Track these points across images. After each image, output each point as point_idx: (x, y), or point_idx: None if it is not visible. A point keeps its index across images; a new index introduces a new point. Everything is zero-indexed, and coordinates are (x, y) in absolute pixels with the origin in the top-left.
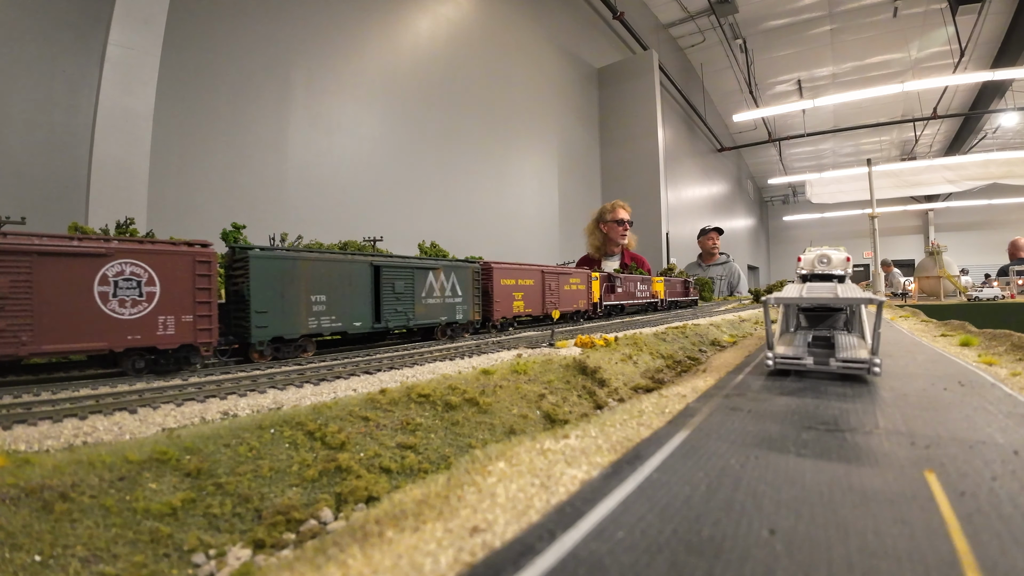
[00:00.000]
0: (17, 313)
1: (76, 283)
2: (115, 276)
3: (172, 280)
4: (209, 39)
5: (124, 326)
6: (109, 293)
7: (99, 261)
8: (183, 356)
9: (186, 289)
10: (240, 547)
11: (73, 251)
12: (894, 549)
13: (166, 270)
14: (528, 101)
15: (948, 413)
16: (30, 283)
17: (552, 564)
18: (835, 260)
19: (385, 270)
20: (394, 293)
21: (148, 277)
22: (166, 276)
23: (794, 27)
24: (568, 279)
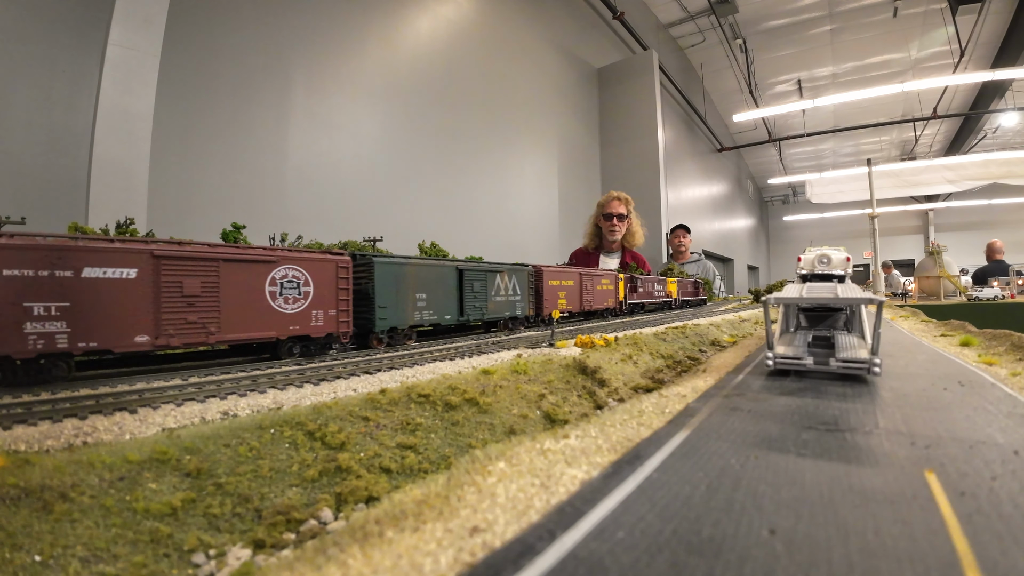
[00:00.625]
0: (207, 308)
1: (252, 284)
2: (281, 279)
3: (322, 281)
4: (209, 39)
5: (287, 319)
6: (276, 292)
7: (269, 266)
8: (327, 343)
9: (331, 289)
10: (240, 547)
11: (250, 258)
12: (894, 549)
13: (317, 273)
14: (528, 101)
15: (948, 413)
16: (217, 284)
17: (552, 564)
18: (835, 260)
19: (467, 273)
20: (473, 292)
21: (305, 279)
22: (317, 278)
23: (794, 27)
24: (600, 280)
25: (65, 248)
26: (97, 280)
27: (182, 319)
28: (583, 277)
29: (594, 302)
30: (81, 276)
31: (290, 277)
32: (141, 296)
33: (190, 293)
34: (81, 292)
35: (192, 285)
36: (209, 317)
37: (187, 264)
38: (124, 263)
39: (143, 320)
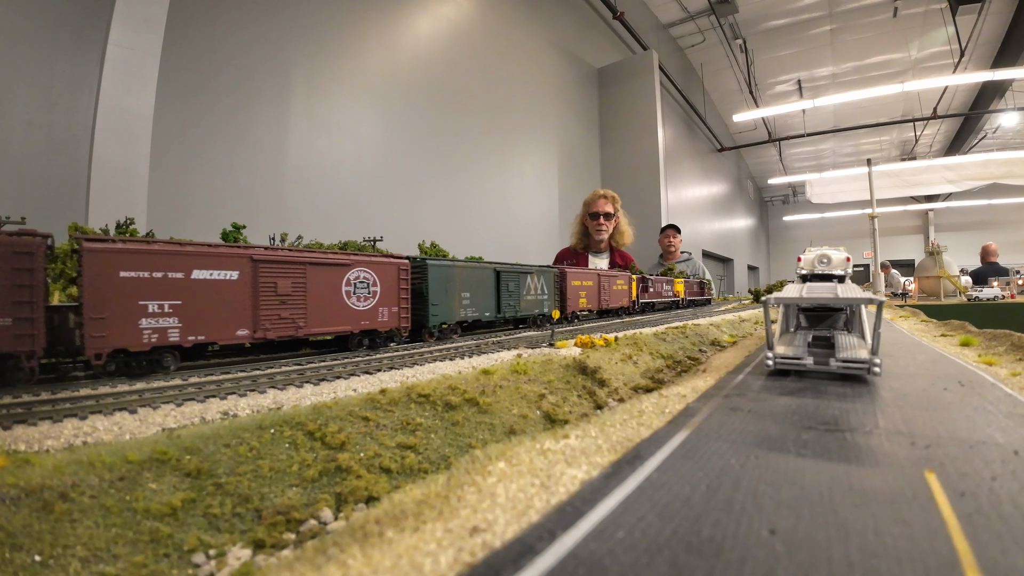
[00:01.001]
0: (296, 306)
1: (332, 284)
2: (354, 279)
3: (386, 282)
4: (209, 39)
5: (359, 315)
6: (351, 291)
7: (345, 269)
8: (389, 337)
9: (394, 289)
10: (240, 547)
11: (331, 262)
12: (894, 549)
13: (383, 275)
14: (528, 101)
15: (948, 413)
16: (304, 285)
17: (552, 564)
18: (835, 260)
19: (503, 274)
20: (508, 291)
21: (373, 280)
22: (383, 279)
23: (794, 27)
24: (616, 280)
25: (177, 252)
26: (205, 281)
27: (276, 315)
28: (601, 278)
29: (611, 301)
30: (191, 277)
31: (362, 278)
32: (242, 295)
33: (283, 292)
34: (191, 291)
35: (284, 285)
36: (298, 313)
37: (280, 267)
38: (228, 266)
39: (244, 316)
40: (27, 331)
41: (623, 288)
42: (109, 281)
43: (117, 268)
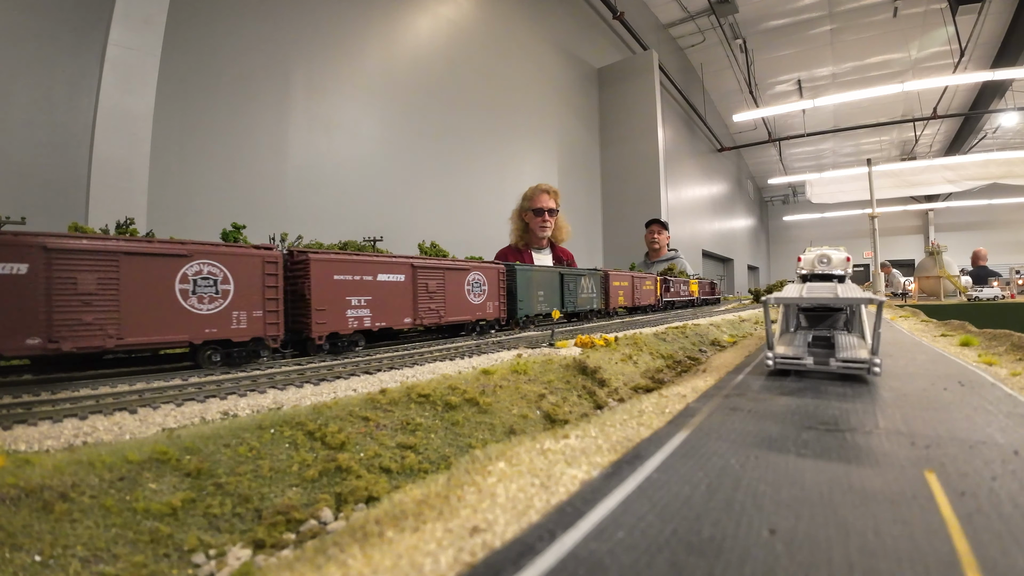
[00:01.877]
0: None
1: (458, 284)
2: (473, 280)
3: (492, 283)
4: (209, 39)
5: (476, 308)
6: (471, 289)
7: (466, 272)
8: (492, 325)
9: (496, 288)
10: (240, 547)
11: (458, 267)
12: (894, 549)
13: (490, 277)
14: (528, 101)
15: (948, 413)
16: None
17: (552, 564)
18: (835, 260)
19: (565, 276)
20: (568, 290)
21: (483, 281)
22: (490, 281)
23: (794, 27)
24: (645, 281)
25: (369, 261)
26: (385, 282)
27: (427, 307)
28: (634, 279)
29: (641, 299)
30: (377, 279)
31: (477, 280)
32: (407, 292)
33: (431, 290)
34: (377, 290)
35: (432, 285)
36: (440, 306)
37: (429, 271)
38: (399, 271)
39: (407, 308)
40: (274, 320)
41: (650, 288)
42: (328, 283)
43: (332, 273)
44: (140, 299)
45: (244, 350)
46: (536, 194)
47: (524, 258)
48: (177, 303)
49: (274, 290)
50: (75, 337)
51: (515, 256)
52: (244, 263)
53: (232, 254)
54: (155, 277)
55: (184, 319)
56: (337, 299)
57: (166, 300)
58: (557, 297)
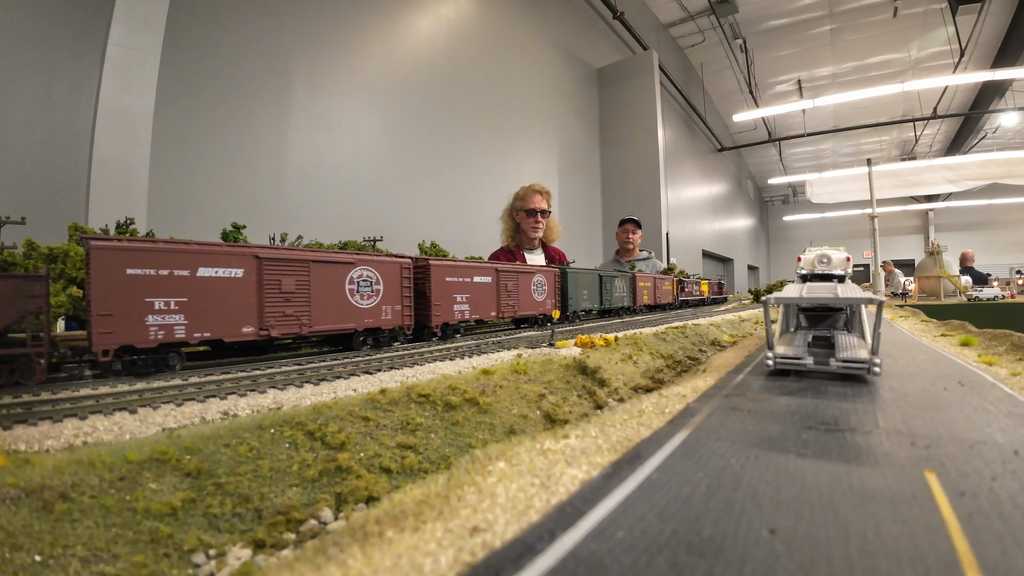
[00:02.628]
0: (516, 297)
1: (528, 285)
2: (536, 282)
3: (550, 283)
4: (209, 39)
5: (540, 304)
6: (536, 289)
7: (532, 275)
8: (548, 319)
9: (553, 287)
10: (240, 547)
11: (527, 271)
12: (894, 549)
13: (548, 278)
14: (528, 101)
15: (948, 413)
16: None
17: (552, 564)
18: (835, 260)
19: (604, 278)
20: (606, 289)
21: (544, 281)
22: (548, 281)
23: (794, 27)
24: (664, 282)
25: (469, 266)
26: (479, 283)
27: (507, 303)
28: (656, 280)
29: (661, 298)
30: (473, 280)
31: (540, 280)
32: (492, 292)
33: (509, 290)
34: (473, 289)
35: (511, 285)
36: (516, 302)
37: (511, 275)
38: (487, 274)
39: (493, 303)
40: (408, 312)
41: (668, 288)
42: (442, 283)
43: (445, 276)
44: (323, 296)
45: (387, 336)
46: (528, 194)
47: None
48: (346, 299)
49: (408, 289)
50: (280, 326)
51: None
52: (389, 268)
53: (381, 261)
54: (333, 280)
55: (351, 312)
56: (448, 296)
57: (340, 297)
58: (596, 295)
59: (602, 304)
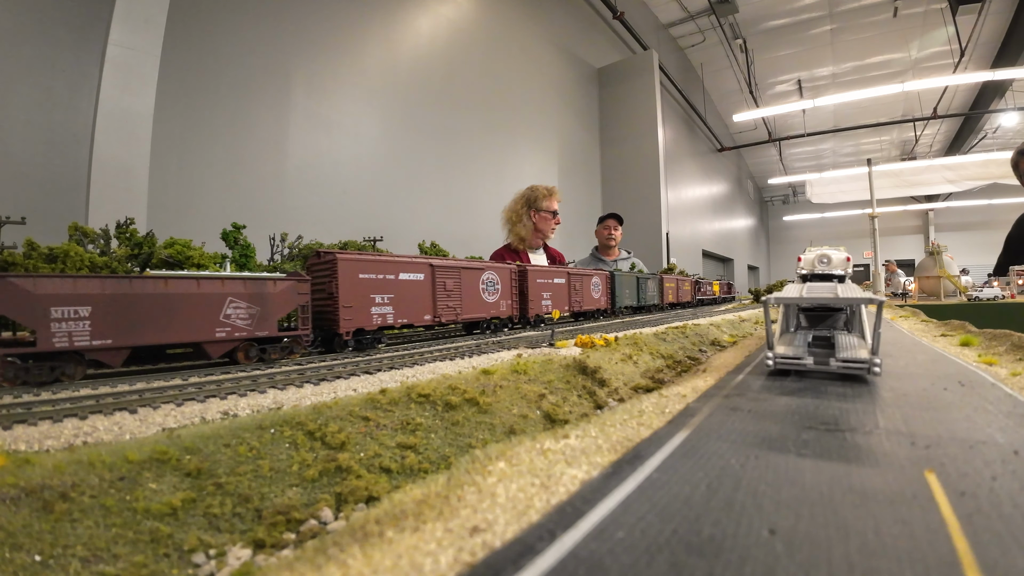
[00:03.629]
0: (580, 295)
1: (589, 285)
2: (592, 283)
3: (604, 284)
4: (209, 39)
5: (597, 300)
6: (592, 289)
7: (590, 277)
8: (604, 311)
9: (606, 287)
10: (240, 547)
11: (587, 274)
12: (894, 549)
13: (602, 280)
14: (528, 101)
15: (948, 413)
16: (581, 284)
17: (552, 564)
18: (835, 260)
19: (640, 279)
20: (640, 289)
21: (599, 282)
22: (603, 282)
23: (794, 27)
24: (684, 283)
25: (554, 271)
26: (558, 284)
27: (576, 300)
28: (679, 281)
29: (682, 297)
30: (553, 282)
31: (596, 282)
32: (565, 290)
33: (578, 289)
34: (555, 288)
35: (579, 286)
36: (581, 299)
37: (578, 277)
38: (561, 276)
39: (566, 300)
40: (516, 307)
41: (687, 288)
42: (535, 284)
43: (537, 278)
44: (467, 293)
45: (500, 324)
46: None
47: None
48: (480, 296)
49: (516, 289)
50: (445, 315)
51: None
52: (504, 273)
53: (500, 268)
54: (473, 281)
55: (483, 305)
56: (538, 294)
57: (476, 294)
58: (634, 294)
59: (638, 302)
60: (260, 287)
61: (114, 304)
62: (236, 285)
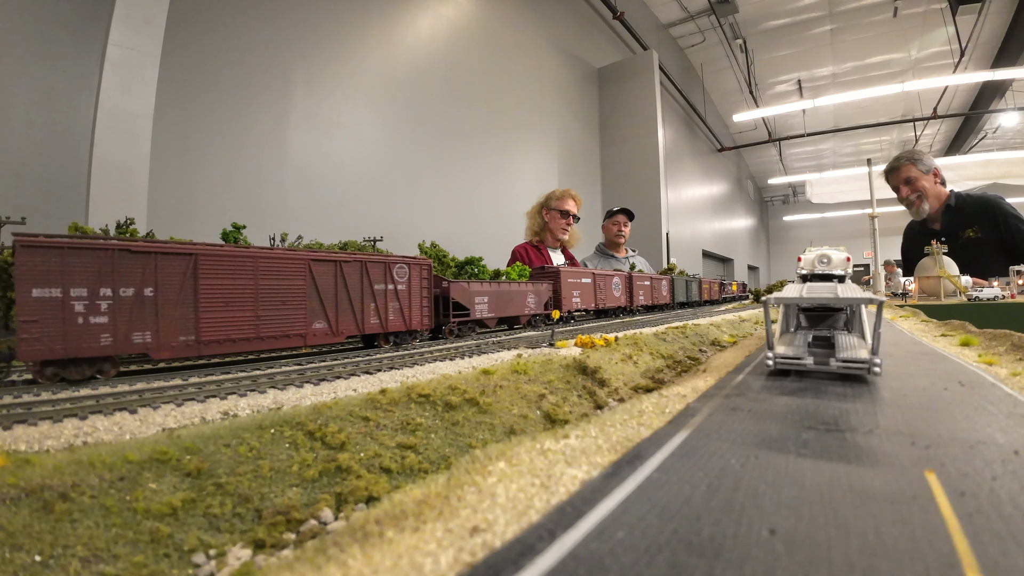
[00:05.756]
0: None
1: (656, 285)
2: (656, 284)
3: (668, 284)
4: (209, 39)
5: (664, 296)
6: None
7: (662, 280)
8: (670, 306)
9: (671, 287)
10: (240, 547)
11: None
12: (894, 549)
13: (668, 282)
14: (528, 101)
15: (948, 413)
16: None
17: (552, 564)
18: (835, 260)
19: (687, 281)
20: (687, 288)
21: (661, 283)
22: (668, 283)
23: (794, 27)
24: (715, 284)
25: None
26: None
27: (637, 296)
28: (711, 283)
29: (712, 295)
30: (581, 281)
31: (665, 283)
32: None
33: (643, 289)
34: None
35: (645, 285)
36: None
37: (642, 279)
38: (586, 276)
39: (592, 298)
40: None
41: (715, 287)
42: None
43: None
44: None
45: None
46: (565, 196)
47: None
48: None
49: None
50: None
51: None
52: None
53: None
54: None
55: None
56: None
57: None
58: (683, 292)
59: (687, 298)
60: (538, 287)
61: (496, 296)
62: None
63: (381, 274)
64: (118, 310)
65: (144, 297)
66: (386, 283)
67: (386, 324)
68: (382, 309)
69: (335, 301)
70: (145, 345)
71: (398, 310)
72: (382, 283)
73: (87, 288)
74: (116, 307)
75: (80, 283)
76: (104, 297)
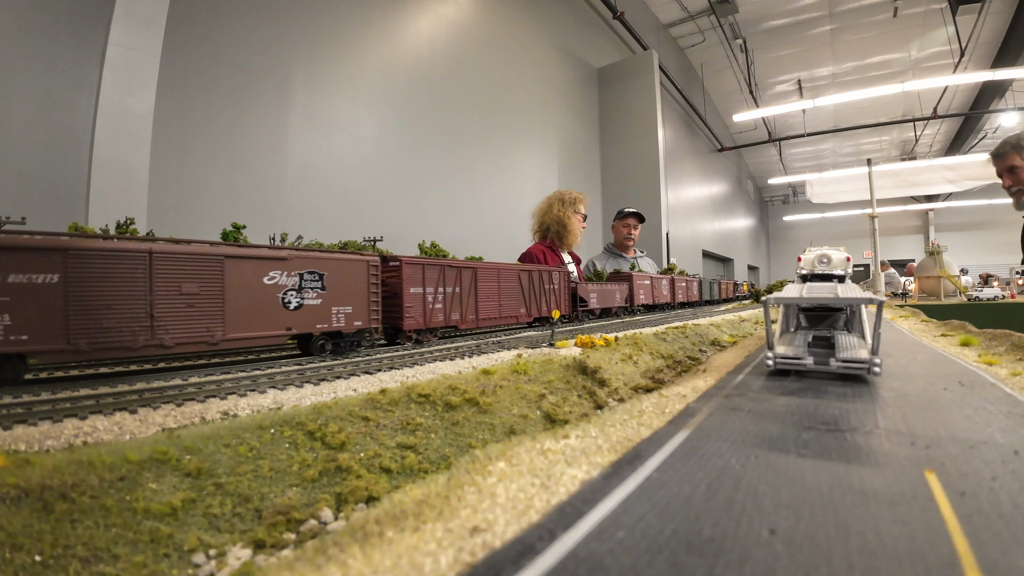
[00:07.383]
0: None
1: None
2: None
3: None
4: (209, 39)
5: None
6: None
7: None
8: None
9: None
10: (240, 547)
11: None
12: (894, 549)
13: (696, 283)
14: (528, 101)
15: (948, 413)
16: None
17: (552, 564)
18: (835, 260)
19: (711, 281)
20: (711, 288)
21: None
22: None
23: (794, 27)
24: (729, 284)
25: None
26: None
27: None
28: (726, 283)
29: (727, 293)
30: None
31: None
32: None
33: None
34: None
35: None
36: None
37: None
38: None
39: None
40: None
41: (730, 286)
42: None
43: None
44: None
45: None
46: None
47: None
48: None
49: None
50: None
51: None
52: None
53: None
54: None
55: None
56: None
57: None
58: (708, 292)
59: (711, 296)
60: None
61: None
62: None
63: (548, 278)
64: (445, 301)
65: (455, 293)
66: (551, 284)
67: (549, 311)
68: (547, 302)
69: (528, 296)
70: (457, 320)
71: (555, 302)
72: (549, 283)
73: (432, 287)
74: (445, 299)
75: (429, 284)
76: (439, 293)
